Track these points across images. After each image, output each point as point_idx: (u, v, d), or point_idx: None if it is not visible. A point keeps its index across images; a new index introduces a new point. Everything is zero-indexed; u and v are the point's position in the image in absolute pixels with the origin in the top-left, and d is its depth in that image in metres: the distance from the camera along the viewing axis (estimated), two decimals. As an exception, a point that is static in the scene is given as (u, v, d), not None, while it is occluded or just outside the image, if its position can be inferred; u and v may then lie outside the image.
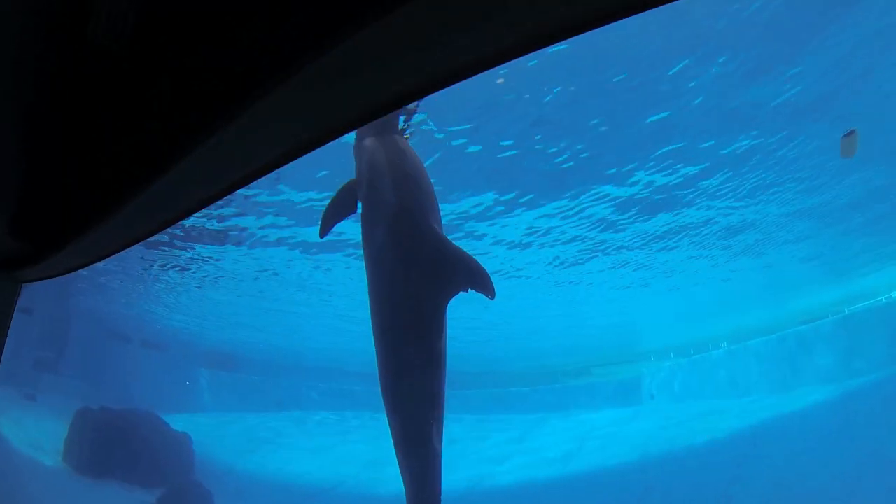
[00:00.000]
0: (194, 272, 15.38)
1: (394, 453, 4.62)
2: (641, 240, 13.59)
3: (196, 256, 14.14)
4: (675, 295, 17.95)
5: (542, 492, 14.78)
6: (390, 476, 16.45)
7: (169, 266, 14.97)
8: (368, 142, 5.04)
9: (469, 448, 19.91)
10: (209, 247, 13.37)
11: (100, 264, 15.17)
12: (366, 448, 20.65)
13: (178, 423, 16.75)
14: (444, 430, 4.52)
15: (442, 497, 4.50)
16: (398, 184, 4.71)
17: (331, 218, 5.34)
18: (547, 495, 14.41)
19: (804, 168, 10.88)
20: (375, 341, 4.68)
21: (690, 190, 11.42)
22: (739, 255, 15.08)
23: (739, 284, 17.20)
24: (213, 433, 20.33)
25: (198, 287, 16.79)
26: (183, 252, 13.82)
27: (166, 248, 13.63)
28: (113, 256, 1.59)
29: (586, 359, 26.19)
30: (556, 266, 14.92)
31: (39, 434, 15.01)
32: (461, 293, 4.54)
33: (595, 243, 13.65)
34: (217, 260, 14.42)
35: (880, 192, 12.19)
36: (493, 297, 4.37)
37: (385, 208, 4.64)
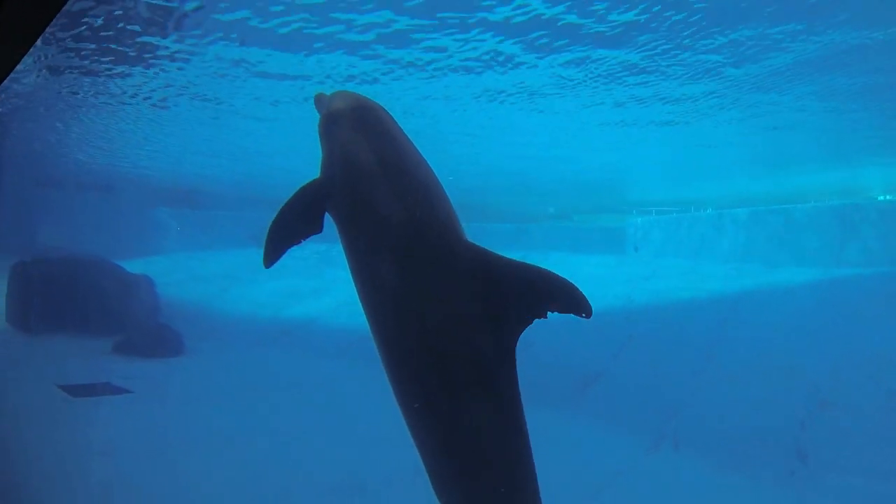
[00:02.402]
0: (132, 93, 13.50)
1: None
2: (634, 77, 12.14)
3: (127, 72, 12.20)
4: (668, 147, 16.77)
5: (525, 331, 14.72)
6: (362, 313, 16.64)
7: (98, 89, 13.04)
8: (342, 124, 3.23)
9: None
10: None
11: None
12: (344, 282, 20.50)
13: (137, 267, 15.92)
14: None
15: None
16: (401, 186, 2.98)
17: (282, 238, 3.24)
18: (528, 334, 14.33)
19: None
20: (414, 429, 3.09)
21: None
22: (744, 115, 13.75)
23: (736, 147, 16.06)
24: (179, 275, 19.78)
25: (149, 105, 14.85)
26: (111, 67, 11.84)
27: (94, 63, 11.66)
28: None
29: (570, 203, 25.54)
30: (537, 94, 13.46)
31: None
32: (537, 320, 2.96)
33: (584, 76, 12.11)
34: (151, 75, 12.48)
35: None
36: (589, 315, 2.81)
37: (388, 228, 2.96)
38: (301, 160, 20.00)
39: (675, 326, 13.95)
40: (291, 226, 3.22)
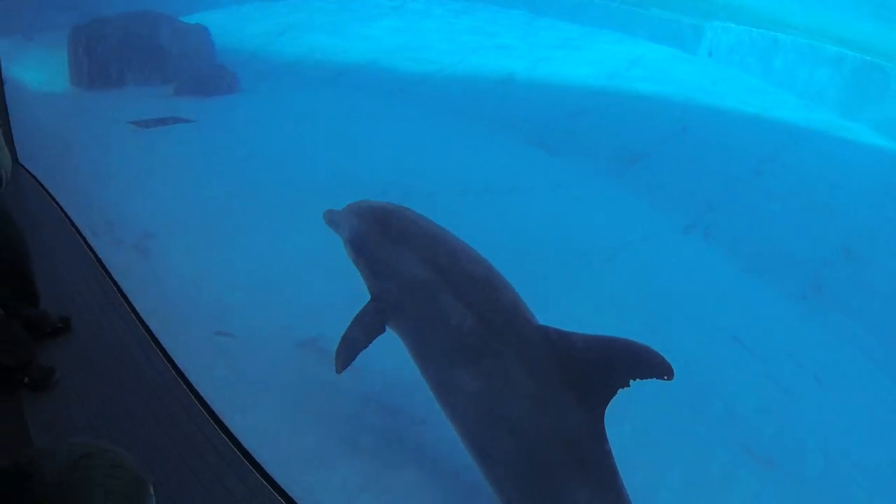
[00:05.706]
0: None
1: None
2: None
3: None
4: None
5: (581, 95, 14.62)
6: (423, 58, 16.45)
7: None
8: (378, 242, 3.14)
9: (510, 43, 19.67)
10: None
11: None
12: (401, 29, 20.68)
13: (192, 20, 15.74)
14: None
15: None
16: (463, 288, 2.89)
17: (352, 352, 3.45)
18: (585, 100, 14.23)
19: None
20: None
21: None
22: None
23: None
24: (234, 24, 19.37)
25: None
26: None
27: None
28: None
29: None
30: None
31: (43, 68, 14.04)
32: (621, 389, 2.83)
33: None
34: None
35: None
36: (671, 378, 2.65)
37: (460, 335, 2.86)
38: None
39: (730, 133, 13.57)
40: (357, 344, 3.37)
